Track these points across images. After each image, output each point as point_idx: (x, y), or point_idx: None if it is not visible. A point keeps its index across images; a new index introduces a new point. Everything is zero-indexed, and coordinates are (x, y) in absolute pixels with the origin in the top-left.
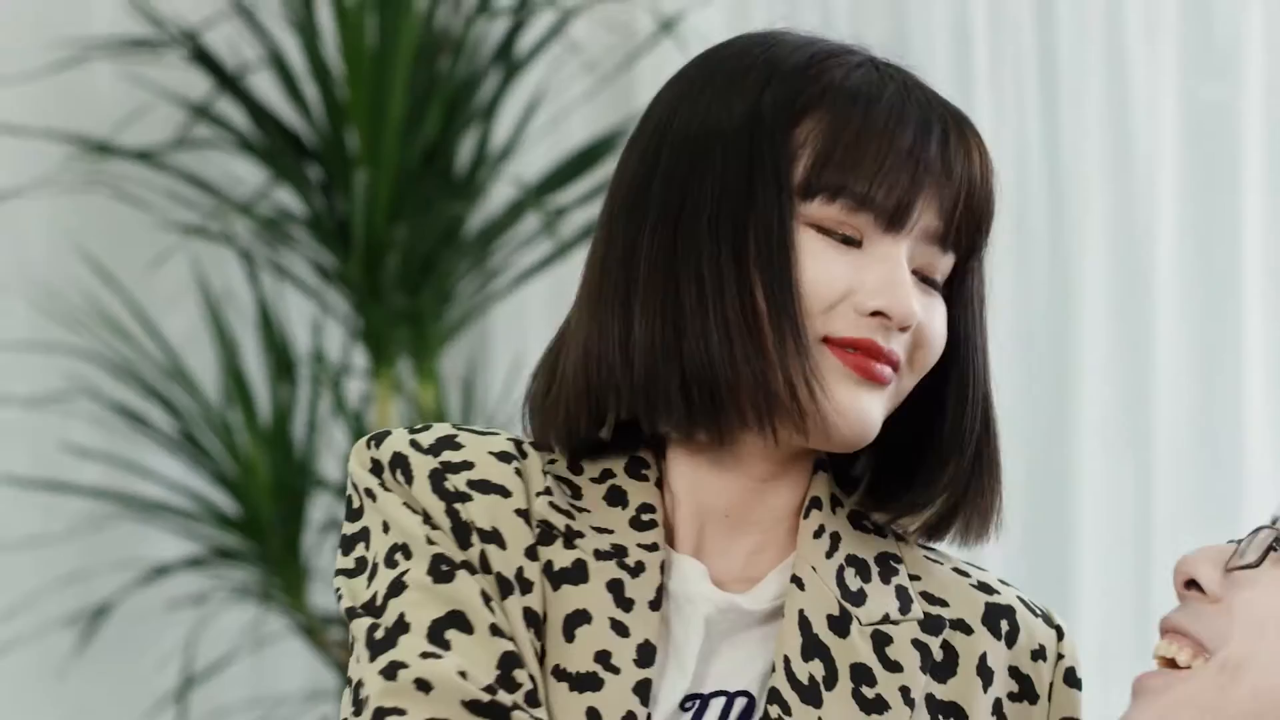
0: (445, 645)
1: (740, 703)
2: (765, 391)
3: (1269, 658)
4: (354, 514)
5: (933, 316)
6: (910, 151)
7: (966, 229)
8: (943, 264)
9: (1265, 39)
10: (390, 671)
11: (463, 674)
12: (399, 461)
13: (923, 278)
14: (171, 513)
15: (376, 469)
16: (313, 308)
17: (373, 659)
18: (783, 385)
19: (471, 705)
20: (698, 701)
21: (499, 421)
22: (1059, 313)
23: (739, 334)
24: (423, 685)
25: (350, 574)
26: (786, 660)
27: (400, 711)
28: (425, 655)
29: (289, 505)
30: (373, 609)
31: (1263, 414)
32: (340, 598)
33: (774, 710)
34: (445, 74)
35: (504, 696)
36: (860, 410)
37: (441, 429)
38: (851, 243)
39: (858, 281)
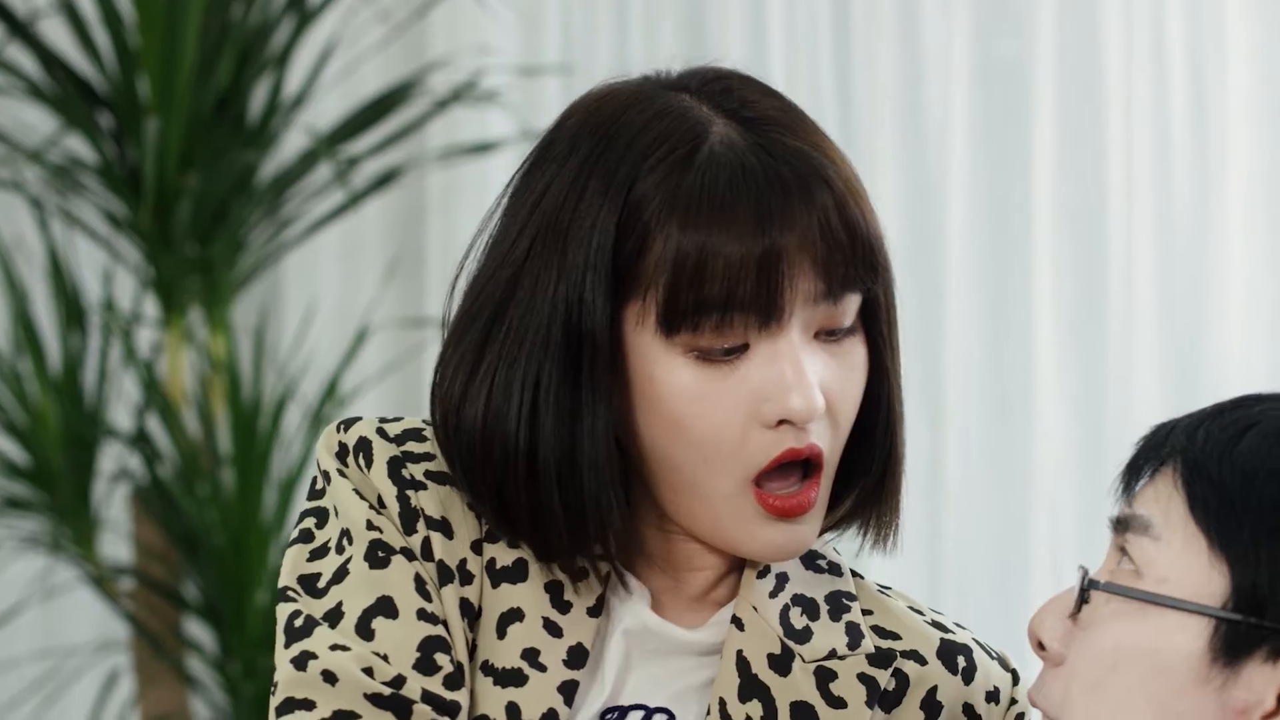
0: (370, 634)
1: (659, 719)
2: (698, 531)
3: (1104, 717)
4: (315, 494)
5: (844, 373)
6: (759, 245)
7: (850, 271)
8: (845, 309)
9: None
10: (301, 661)
11: (368, 670)
12: (362, 446)
13: (829, 332)
14: None
15: (341, 453)
16: (103, 256)
17: (287, 646)
18: (707, 532)
19: (373, 699)
20: (617, 713)
21: (290, 371)
22: None
23: (605, 492)
24: (329, 677)
25: (300, 549)
26: (722, 703)
27: (309, 704)
28: (334, 647)
29: (79, 455)
30: (313, 590)
31: (1052, 367)
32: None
33: None
34: (237, 21)
35: (411, 687)
36: (788, 542)
37: (413, 421)
38: (737, 350)
39: (754, 393)
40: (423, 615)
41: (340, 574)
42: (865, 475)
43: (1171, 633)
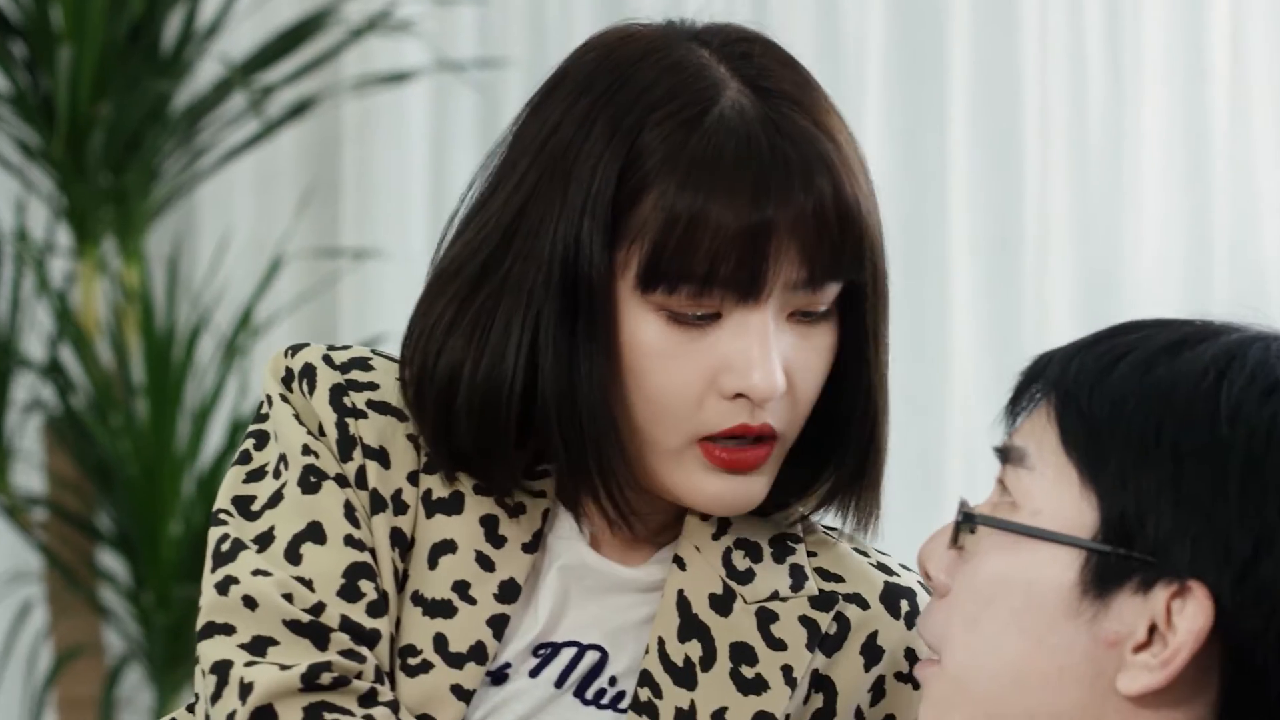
0: (298, 559)
1: (592, 655)
2: (639, 482)
3: (980, 651)
4: (259, 418)
5: (809, 355)
6: (751, 220)
7: (835, 261)
8: (823, 295)
9: None
10: (224, 586)
11: (288, 595)
12: (307, 372)
13: (804, 313)
14: None
15: (287, 378)
16: (16, 186)
17: (213, 570)
18: (653, 481)
19: (292, 625)
20: (549, 649)
21: (204, 301)
22: None
23: (606, 435)
24: (249, 603)
25: (238, 470)
26: (661, 642)
27: (230, 629)
28: (256, 572)
29: None
30: (248, 513)
31: (966, 300)
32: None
33: (644, 693)
34: None
35: (330, 614)
36: (734, 496)
37: (361, 350)
38: (709, 318)
39: (717, 362)
40: (350, 541)
41: (275, 499)
42: (841, 465)
43: (1044, 565)
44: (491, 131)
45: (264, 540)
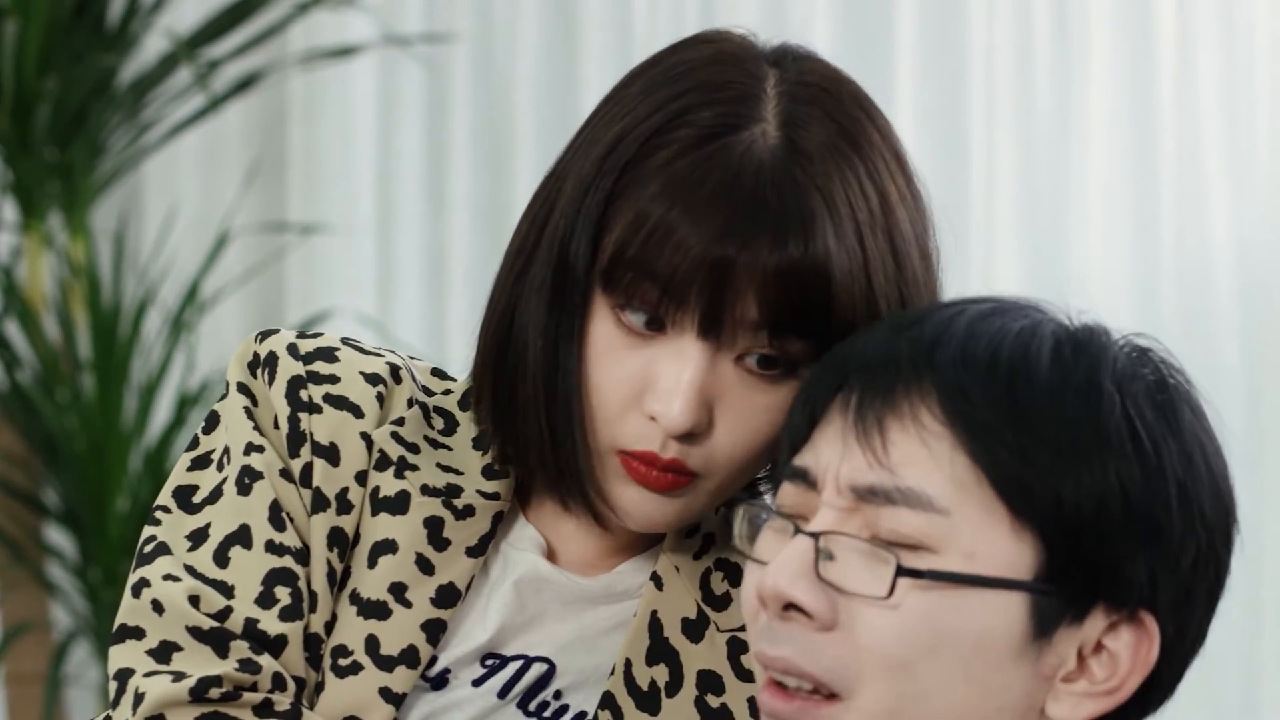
0: (225, 562)
1: (539, 668)
2: (569, 484)
3: (917, 696)
4: (219, 399)
5: (750, 410)
6: (712, 254)
7: (798, 319)
8: (785, 348)
9: None
10: (137, 589)
11: (195, 600)
12: (270, 361)
13: (766, 360)
14: None
15: (253, 364)
16: None
17: (133, 571)
18: (581, 480)
19: (194, 631)
20: (497, 660)
21: (151, 276)
22: None
23: (549, 427)
24: (157, 607)
25: (186, 456)
26: (628, 664)
27: (140, 633)
28: (167, 577)
29: None
30: (188, 504)
31: None
32: None
33: (605, 715)
34: None
35: (234, 620)
36: (645, 512)
37: (330, 340)
38: (654, 327)
39: (650, 377)
40: (271, 547)
41: (215, 494)
42: None
43: (993, 613)
44: (438, 106)
45: (198, 537)
